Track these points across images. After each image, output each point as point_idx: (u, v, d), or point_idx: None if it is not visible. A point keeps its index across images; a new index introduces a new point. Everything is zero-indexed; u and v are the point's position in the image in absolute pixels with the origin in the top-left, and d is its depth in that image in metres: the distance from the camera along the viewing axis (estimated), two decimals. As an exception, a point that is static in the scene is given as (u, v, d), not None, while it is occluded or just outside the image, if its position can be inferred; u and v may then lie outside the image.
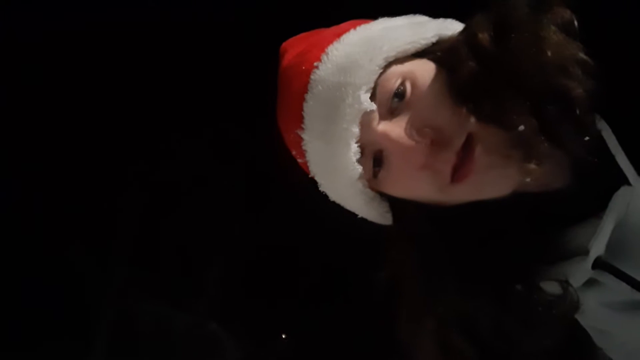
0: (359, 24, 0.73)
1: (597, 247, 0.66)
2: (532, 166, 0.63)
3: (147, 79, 2.07)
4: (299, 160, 0.76)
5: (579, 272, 0.67)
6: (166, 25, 2.03)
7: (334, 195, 0.76)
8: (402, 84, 0.68)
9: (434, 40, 0.70)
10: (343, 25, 0.75)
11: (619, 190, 0.66)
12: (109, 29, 2.03)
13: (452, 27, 0.73)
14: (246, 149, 2.08)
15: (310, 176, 0.77)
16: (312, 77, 0.70)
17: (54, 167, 2.11)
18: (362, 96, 0.68)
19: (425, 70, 0.69)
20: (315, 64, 0.71)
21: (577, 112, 0.63)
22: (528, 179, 0.64)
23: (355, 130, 0.68)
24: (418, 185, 0.68)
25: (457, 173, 0.65)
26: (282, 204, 1.97)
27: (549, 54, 0.63)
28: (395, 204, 0.74)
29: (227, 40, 2.05)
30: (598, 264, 0.67)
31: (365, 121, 0.68)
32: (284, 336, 2.15)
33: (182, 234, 2.14)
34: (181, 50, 2.10)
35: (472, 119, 0.64)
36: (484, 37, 0.65)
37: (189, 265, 2.11)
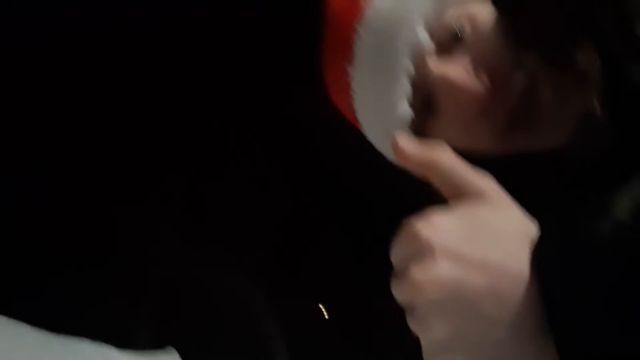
0: None
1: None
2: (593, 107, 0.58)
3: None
4: (343, 103, 0.71)
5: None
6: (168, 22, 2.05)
7: (377, 140, 0.71)
8: (461, 23, 0.64)
9: None
10: None
11: None
12: (117, 29, 2.05)
13: None
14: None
15: (352, 121, 0.72)
16: (365, 8, 0.66)
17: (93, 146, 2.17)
18: (419, 30, 0.64)
19: (485, 10, 0.64)
20: None
21: None
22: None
23: (409, 66, 0.64)
24: (472, 134, 0.63)
25: (517, 119, 0.61)
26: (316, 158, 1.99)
27: None
28: None
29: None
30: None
31: (419, 59, 0.64)
32: (320, 306, 2.19)
33: (224, 202, 2.18)
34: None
35: (535, 62, 0.60)
36: None
37: (230, 231, 2.17)
